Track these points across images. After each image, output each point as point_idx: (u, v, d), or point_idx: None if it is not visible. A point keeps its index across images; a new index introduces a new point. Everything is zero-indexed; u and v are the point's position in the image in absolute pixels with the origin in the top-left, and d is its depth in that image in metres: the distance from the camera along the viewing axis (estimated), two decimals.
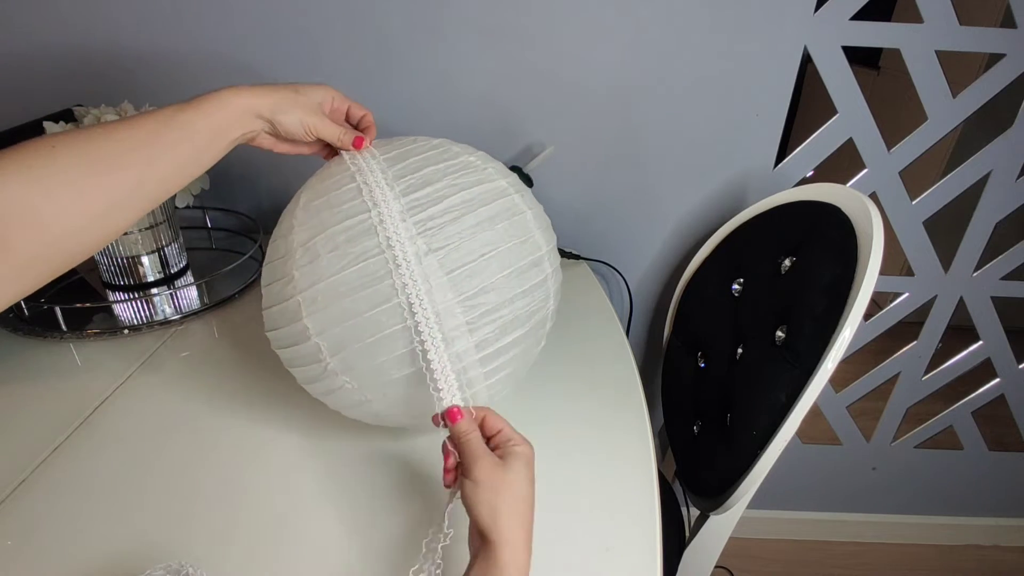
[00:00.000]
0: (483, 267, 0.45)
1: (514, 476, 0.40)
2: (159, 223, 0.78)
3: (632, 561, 0.46)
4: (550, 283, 0.51)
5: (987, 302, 1.05)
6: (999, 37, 0.84)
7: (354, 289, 0.44)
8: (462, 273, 0.44)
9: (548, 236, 0.52)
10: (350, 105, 0.54)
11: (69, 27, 0.85)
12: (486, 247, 0.45)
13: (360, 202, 0.45)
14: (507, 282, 0.46)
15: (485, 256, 0.45)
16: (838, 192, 0.70)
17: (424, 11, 0.83)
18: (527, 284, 0.48)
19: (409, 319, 0.43)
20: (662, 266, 1.04)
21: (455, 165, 0.48)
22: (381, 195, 0.45)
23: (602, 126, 0.91)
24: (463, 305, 0.44)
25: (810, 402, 0.61)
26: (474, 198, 0.47)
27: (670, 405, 0.88)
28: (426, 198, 0.45)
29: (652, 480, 0.53)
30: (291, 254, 0.46)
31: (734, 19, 0.83)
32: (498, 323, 0.46)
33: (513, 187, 0.50)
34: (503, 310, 0.46)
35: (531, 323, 0.49)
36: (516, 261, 0.47)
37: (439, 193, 0.46)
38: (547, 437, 0.58)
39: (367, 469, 0.54)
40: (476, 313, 0.45)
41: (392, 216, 0.44)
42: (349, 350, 0.45)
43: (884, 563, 1.31)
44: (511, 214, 0.48)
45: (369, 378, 0.46)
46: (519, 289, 0.47)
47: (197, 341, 0.73)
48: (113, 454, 0.56)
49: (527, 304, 0.48)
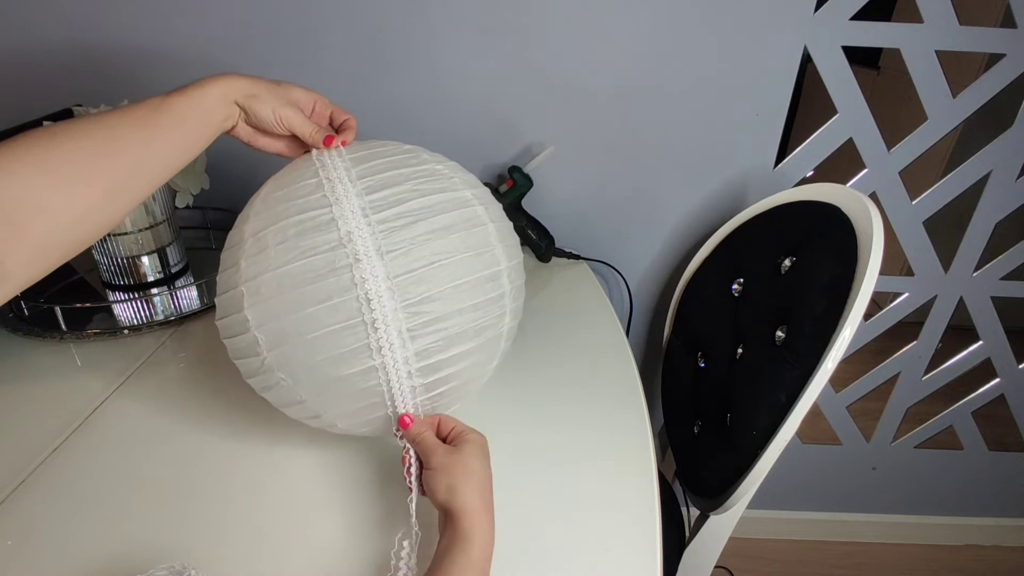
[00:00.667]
0: (431, 275, 0.44)
1: (466, 457, 0.44)
2: (159, 223, 0.78)
3: (632, 561, 0.46)
4: (507, 300, 0.49)
5: (987, 302, 1.05)
6: (999, 37, 0.84)
7: (297, 283, 0.43)
8: (408, 279, 0.43)
9: (512, 252, 0.50)
10: (333, 110, 0.54)
11: (69, 26, 0.84)
12: (437, 255, 0.44)
13: (317, 197, 0.45)
14: (456, 293, 0.45)
15: (434, 264, 0.44)
16: (838, 192, 0.70)
17: (424, 11, 0.83)
18: (479, 298, 0.46)
19: (365, 315, 0.42)
20: (662, 266, 1.04)
21: (421, 171, 0.48)
22: (343, 191, 0.44)
23: (602, 126, 0.91)
24: (406, 311, 0.43)
25: (810, 402, 0.61)
26: (433, 205, 0.46)
27: (670, 405, 0.88)
28: (383, 200, 0.45)
29: (652, 480, 0.53)
30: (242, 243, 0.46)
31: (734, 19, 0.83)
32: (442, 334, 0.45)
33: (479, 199, 0.49)
34: (449, 321, 0.45)
35: (481, 339, 0.48)
36: (469, 273, 0.46)
37: (397, 196, 0.45)
38: (547, 437, 0.58)
39: (368, 469, 0.54)
40: (418, 321, 0.44)
41: (354, 212, 0.44)
42: (287, 345, 0.44)
43: (884, 563, 1.31)
44: (470, 225, 0.47)
45: (304, 376, 0.45)
46: (469, 302, 0.46)
47: (197, 341, 0.73)
48: (113, 454, 0.56)
49: (477, 318, 0.47)
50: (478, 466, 0.44)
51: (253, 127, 0.50)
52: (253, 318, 0.45)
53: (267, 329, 0.44)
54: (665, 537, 0.49)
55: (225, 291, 0.47)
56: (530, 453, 0.56)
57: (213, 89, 0.47)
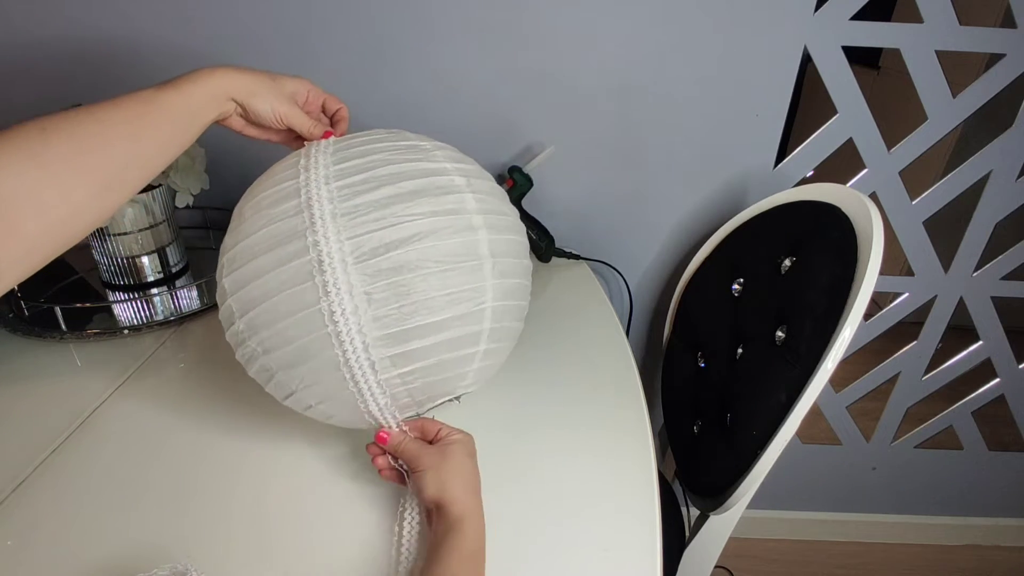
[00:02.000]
0: (389, 236, 0.42)
1: (454, 456, 0.45)
2: (159, 223, 0.78)
3: (632, 561, 0.46)
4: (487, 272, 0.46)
5: (987, 302, 1.05)
6: (999, 37, 0.84)
7: (262, 250, 0.44)
8: (364, 241, 0.42)
9: (495, 224, 0.47)
10: (326, 98, 0.55)
11: (69, 25, 0.84)
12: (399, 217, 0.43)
13: (291, 172, 0.46)
14: (420, 258, 0.43)
15: (395, 226, 0.42)
16: (838, 192, 0.70)
17: (424, 11, 0.83)
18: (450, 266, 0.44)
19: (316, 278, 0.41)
20: (662, 266, 1.04)
21: (399, 145, 0.47)
22: (314, 163, 0.45)
23: (602, 126, 0.91)
24: (360, 275, 0.42)
25: (810, 402, 0.61)
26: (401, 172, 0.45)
27: (670, 405, 0.88)
28: (350, 168, 0.45)
29: (652, 480, 0.53)
30: (231, 221, 0.48)
31: (734, 19, 0.83)
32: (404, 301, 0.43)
33: (461, 172, 0.47)
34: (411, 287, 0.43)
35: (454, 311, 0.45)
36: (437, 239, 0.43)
37: (364, 164, 0.45)
38: (547, 437, 0.58)
39: (368, 470, 0.54)
40: (375, 284, 0.42)
41: (317, 181, 0.44)
42: (254, 311, 0.44)
43: (884, 563, 1.31)
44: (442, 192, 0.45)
45: (272, 344, 0.44)
46: (436, 269, 0.43)
47: (197, 341, 0.73)
48: (113, 454, 0.56)
49: (447, 286, 0.44)
50: (466, 464, 0.46)
51: (246, 119, 0.51)
52: (229, 287, 0.46)
53: (238, 297, 0.45)
54: (665, 537, 0.49)
55: (217, 273, 0.49)
56: (530, 453, 0.56)
57: (207, 84, 0.46)
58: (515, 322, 0.51)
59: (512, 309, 0.49)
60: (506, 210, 0.51)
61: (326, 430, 0.58)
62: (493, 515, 0.45)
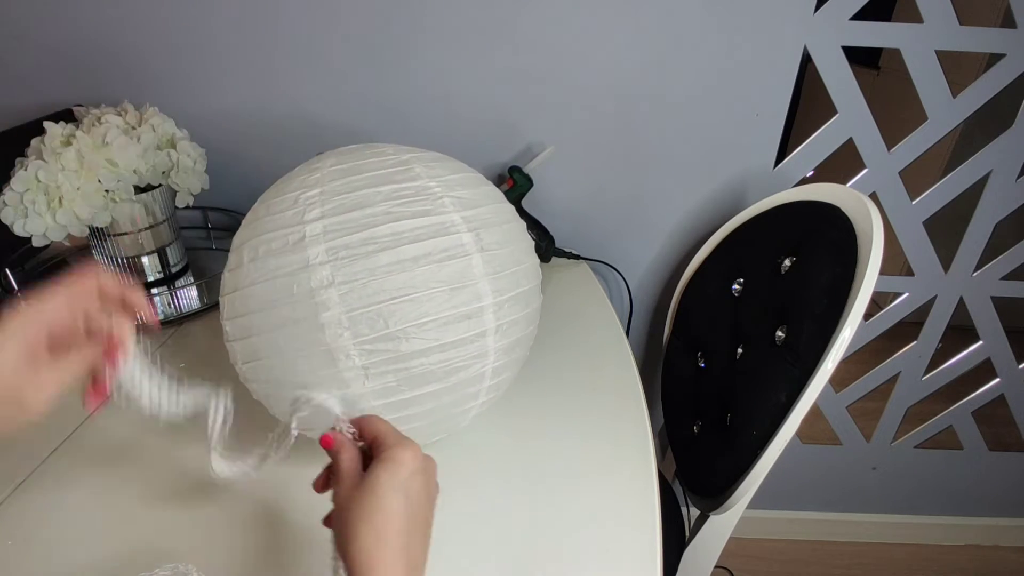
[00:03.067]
0: (390, 311, 0.40)
1: (367, 489, 0.33)
2: (159, 223, 0.78)
3: (632, 561, 0.46)
4: (491, 340, 0.44)
5: (987, 302, 1.05)
6: (999, 37, 0.84)
7: (263, 305, 0.43)
8: (364, 314, 0.40)
9: (503, 285, 0.45)
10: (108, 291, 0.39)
11: (69, 26, 0.84)
12: (399, 290, 0.40)
13: (290, 215, 0.43)
14: (419, 333, 0.41)
15: (396, 300, 0.40)
16: (838, 192, 0.70)
17: (424, 12, 0.83)
18: (449, 338, 0.42)
19: (320, 346, 0.41)
20: (662, 266, 1.04)
21: (405, 190, 0.43)
22: (312, 212, 0.42)
23: (602, 126, 0.91)
24: (359, 349, 0.40)
25: (810, 402, 0.61)
26: (403, 232, 0.42)
27: (670, 405, 0.88)
28: (350, 223, 0.41)
29: (652, 480, 0.53)
30: (231, 253, 0.47)
31: (734, 19, 0.83)
32: (402, 375, 0.42)
33: (468, 224, 0.44)
34: (410, 361, 0.42)
35: (452, 380, 0.44)
36: (437, 312, 0.42)
37: (365, 220, 0.41)
38: (546, 437, 0.58)
39: None
40: (375, 359, 0.41)
41: (315, 236, 0.41)
42: (258, 362, 0.45)
43: (884, 563, 1.31)
44: (447, 256, 0.42)
45: (274, 395, 0.47)
46: (435, 342, 0.42)
47: (197, 341, 0.73)
48: (113, 454, 0.56)
49: (447, 359, 0.43)
50: (386, 503, 0.32)
51: None
52: (231, 330, 0.46)
53: (242, 343, 0.45)
54: (665, 537, 0.49)
55: (221, 295, 0.48)
56: (530, 453, 0.57)
57: None
58: (515, 368, 0.51)
59: (512, 363, 0.50)
60: (519, 258, 0.48)
61: None
62: (493, 515, 0.45)
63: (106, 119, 0.71)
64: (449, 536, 0.48)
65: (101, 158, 0.68)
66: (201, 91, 0.89)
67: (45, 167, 0.66)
